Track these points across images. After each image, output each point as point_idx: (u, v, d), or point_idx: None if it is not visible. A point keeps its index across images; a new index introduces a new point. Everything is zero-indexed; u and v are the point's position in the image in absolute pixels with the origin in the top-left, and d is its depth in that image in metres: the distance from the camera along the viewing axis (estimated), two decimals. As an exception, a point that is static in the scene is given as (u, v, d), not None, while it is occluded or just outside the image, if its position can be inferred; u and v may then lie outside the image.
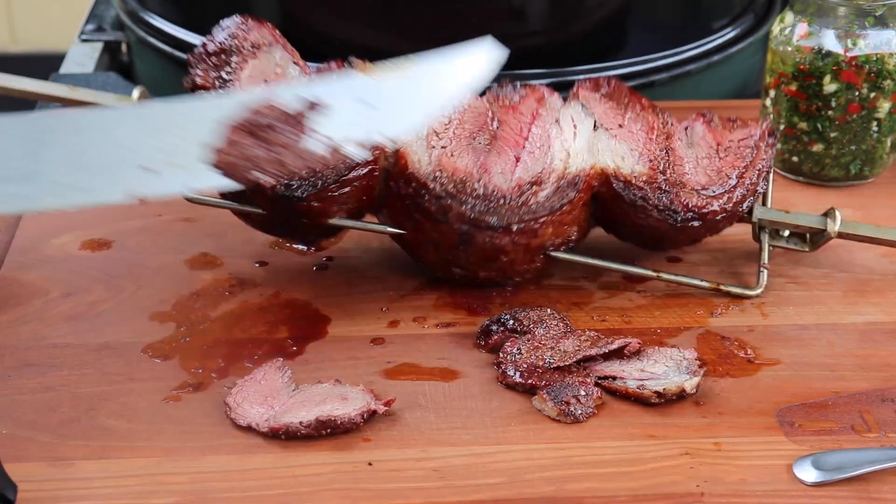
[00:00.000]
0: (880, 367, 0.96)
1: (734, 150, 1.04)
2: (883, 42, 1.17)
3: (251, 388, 0.92)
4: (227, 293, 1.05)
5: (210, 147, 0.76)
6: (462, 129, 1.02)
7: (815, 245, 1.07)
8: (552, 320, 0.99)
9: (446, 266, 1.03)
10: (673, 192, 1.01)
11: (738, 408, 0.92)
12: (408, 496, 0.83)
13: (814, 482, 0.84)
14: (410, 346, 0.99)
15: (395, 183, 1.00)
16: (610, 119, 1.04)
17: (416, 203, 0.99)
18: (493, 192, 0.99)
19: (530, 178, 1.00)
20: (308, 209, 0.98)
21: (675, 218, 1.01)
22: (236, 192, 0.98)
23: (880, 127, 1.19)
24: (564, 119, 1.03)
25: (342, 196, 0.99)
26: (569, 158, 1.01)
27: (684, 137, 1.05)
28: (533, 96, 1.05)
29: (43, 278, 1.07)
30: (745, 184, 1.03)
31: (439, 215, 0.99)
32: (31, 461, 0.86)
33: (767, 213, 1.06)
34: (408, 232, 1.02)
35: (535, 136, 1.02)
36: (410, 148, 1.00)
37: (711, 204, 1.02)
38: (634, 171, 1.01)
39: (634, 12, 1.41)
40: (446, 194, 0.98)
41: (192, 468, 0.85)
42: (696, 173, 1.03)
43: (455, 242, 1.00)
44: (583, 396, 0.91)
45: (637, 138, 1.03)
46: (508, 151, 1.01)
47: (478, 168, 1.00)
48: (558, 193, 1.00)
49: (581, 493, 0.83)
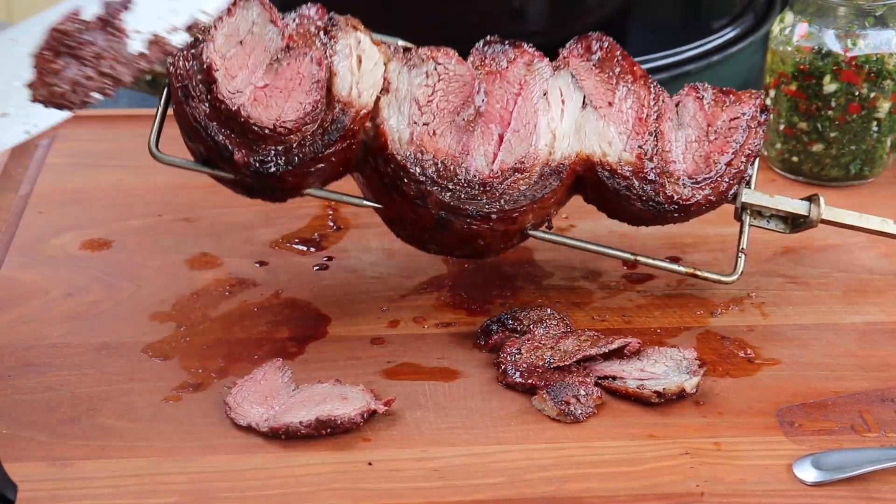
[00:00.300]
0: (880, 367, 0.96)
1: (724, 133, 1.02)
2: (883, 42, 1.17)
3: (251, 387, 0.92)
4: (227, 293, 1.05)
5: (34, 84, 0.73)
6: (446, 101, 0.98)
7: (796, 229, 1.06)
8: (552, 320, 0.99)
9: (421, 243, 1.01)
10: (658, 182, 0.99)
11: (737, 408, 0.92)
12: (408, 496, 0.83)
13: (814, 482, 0.84)
14: (410, 346, 0.99)
15: (374, 159, 0.97)
16: (600, 95, 1.01)
17: (393, 183, 0.96)
18: (474, 179, 0.96)
19: (513, 162, 0.97)
20: (282, 183, 0.95)
21: (658, 209, 1.00)
22: (206, 158, 0.95)
23: (880, 127, 1.19)
24: (552, 91, 1.00)
25: (318, 170, 0.95)
26: (554, 142, 0.98)
27: (675, 117, 1.03)
28: (521, 60, 1.01)
29: (43, 278, 1.07)
30: (731, 172, 1.01)
31: (417, 199, 0.96)
32: (31, 461, 0.86)
33: (752, 196, 1.04)
34: (384, 206, 0.99)
35: (520, 112, 0.99)
36: (390, 123, 0.96)
37: (696, 195, 1.00)
38: (621, 158, 0.99)
39: (634, 12, 1.41)
40: (426, 178, 0.95)
41: (191, 468, 0.85)
42: (683, 160, 1.01)
43: (431, 225, 0.97)
44: (583, 396, 0.91)
45: (626, 119, 1.00)
46: (493, 129, 0.98)
47: (460, 150, 0.97)
48: (541, 182, 0.97)
49: (581, 493, 0.83)
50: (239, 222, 1.15)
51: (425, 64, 0.98)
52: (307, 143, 0.94)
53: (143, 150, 1.26)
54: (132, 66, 0.75)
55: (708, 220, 1.15)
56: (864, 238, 1.13)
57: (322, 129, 0.94)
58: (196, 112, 0.93)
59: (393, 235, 1.03)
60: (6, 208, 1.17)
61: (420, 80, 0.97)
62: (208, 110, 0.93)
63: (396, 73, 0.97)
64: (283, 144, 0.93)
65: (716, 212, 1.15)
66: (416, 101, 0.97)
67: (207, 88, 0.93)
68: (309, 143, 0.94)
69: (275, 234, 1.14)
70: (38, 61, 0.73)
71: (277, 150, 0.94)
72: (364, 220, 1.16)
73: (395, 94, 0.96)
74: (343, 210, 1.17)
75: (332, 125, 0.94)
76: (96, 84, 0.74)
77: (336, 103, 0.94)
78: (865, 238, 1.13)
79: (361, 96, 0.95)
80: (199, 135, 0.94)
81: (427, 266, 1.09)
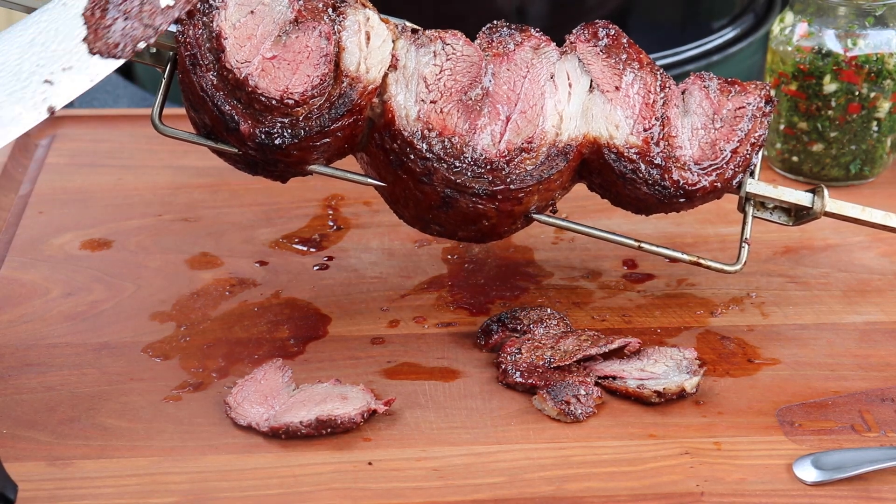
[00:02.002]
0: (880, 367, 0.96)
1: (730, 121, 1.02)
2: (883, 42, 1.17)
3: (251, 387, 0.92)
4: (227, 293, 1.05)
5: (89, 39, 0.84)
6: (454, 80, 0.98)
7: (799, 221, 1.06)
8: (552, 320, 0.99)
9: (425, 223, 1.00)
10: (664, 166, 0.99)
11: (737, 407, 0.92)
12: (407, 496, 0.83)
13: (813, 482, 0.84)
14: (410, 346, 0.99)
15: (380, 135, 0.96)
16: (607, 80, 1.00)
17: (399, 160, 0.96)
18: (480, 158, 0.96)
19: (520, 142, 0.97)
20: (287, 155, 0.95)
21: (663, 193, 0.99)
22: (210, 130, 0.95)
23: (880, 127, 1.19)
24: (559, 75, 1.00)
25: (323, 145, 0.95)
26: (561, 123, 0.98)
27: (681, 104, 1.02)
28: (528, 43, 1.01)
29: (43, 278, 1.07)
30: (737, 159, 1.01)
31: (423, 176, 0.95)
32: (31, 461, 0.86)
33: (756, 186, 1.03)
34: (389, 185, 0.98)
35: (527, 93, 0.98)
36: (397, 100, 0.96)
37: (702, 181, 1.00)
38: (628, 142, 0.98)
39: (634, 12, 1.41)
40: (433, 155, 0.95)
41: (191, 468, 0.85)
42: (689, 146, 1.00)
43: (437, 203, 0.97)
44: (583, 396, 0.91)
45: (633, 104, 1.00)
46: (500, 110, 0.98)
47: (467, 128, 0.96)
48: (548, 163, 0.97)
49: (581, 493, 0.83)
50: (239, 222, 1.15)
51: (433, 43, 0.98)
52: (314, 116, 0.93)
53: (143, 150, 1.27)
54: (167, 16, 0.86)
55: (708, 220, 1.16)
56: (864, 238, 1.13)
57: (329, 103, 0.94)
58: (203, 81, 0.93)
59: (393, 235, 1.03)
60: (6, 208, 1.17)
61: (428, 59, 0.97)
62: (215, 80, 0.93)
63: (404, 50, 0.97)
64: (290, 117, 0.93)
65: (716, 212, 1.16)
66: (424, 79, 0.97)
67: (216, 57, 0.93)
68: (315, 116, 0.93)
69: (275, 234, 1.14)
70: (89, 19, 0.83)
71: (283, 123, 0.93)
72: (364, 220, 1.16)
73: (403, 71, 0.96)
74: (343, 210, 1.18)
75: (340, 99, 0.94)
76: (141, 34, 0.85)
77: (344, 78, 0.94)
78: (865, 238, 1.13)
79: (370, 72, 0.95)
80: (204, 105, 0.93)
81: (427, 266, 1.09)
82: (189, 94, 0.94)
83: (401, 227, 1.13)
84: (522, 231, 1.13)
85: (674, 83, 1.02)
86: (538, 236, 1.14)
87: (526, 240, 1.13)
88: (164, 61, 0.97)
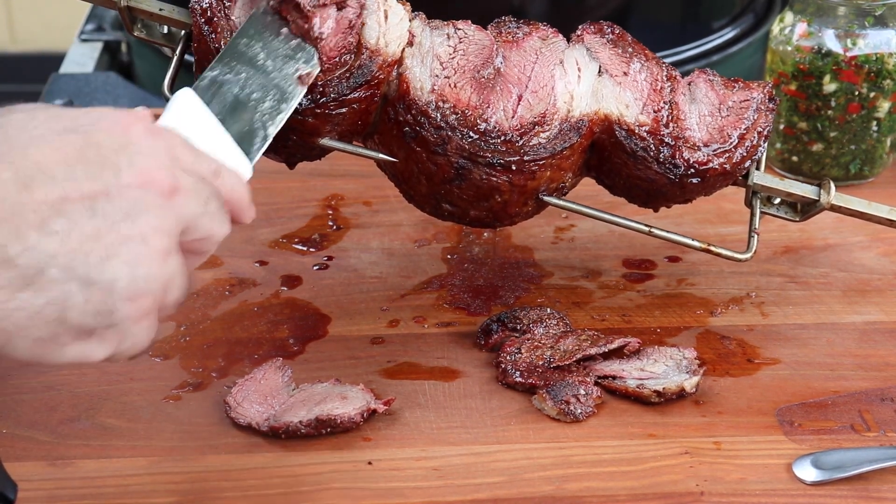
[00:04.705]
0: (880, 367, 0.97)
1: (736, 111, 1.02)
2: (883, 42, 1.17)
3: (251, 387, 0.92)
4: (227, 293, 1.05)
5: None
6: (467, 59, 0.98)
7: (805, 215, 1.05)
8: (552, 320, 0.99)
9: (436, 201, 1.00)
10: (675, 145, 0.99)
11: (737, 407, 0.92)
12: (407, 495, 0.83)
13: (813, 481, 0.84)
14: (410, 346, 0.99)
15: (394, 108, 0.96)
16: (615, 66, 1.01)
17: (414, 131, 0.96)
18: (494, 129, 0.96)
19: (533, 117, 0.97)
20: (302, 123, 0.94)
21: (675, 172, 0.99)
22: None
23: (880, 127, 1.19)
24: (569, 61, 1.00)
25: (338, 115, 0.95)
26: (572, 101, 0.98)
27: (687, 93, 1.02)
28: (536, 34, 1.01)
29: (43, 278, 1.07)
30: (745, 145, 1.00)
31: (437, 146, 0.95)
32: (31, 460, 0.86)
33: (763, 178, 1.03)
34: (400, 161, 0.98)
35: (538, 76, 0.99)
36: (413, 73, 0.96)
37: (712, 161, 0.99)
38: (638, 120, 0.98)
39: (634, 12, 1.41)
40: (447, 125, 0.95)
41: (192, 468, 0.85)
42: (698, 129, 1.00)
43: (450, 176, 0.97)
44: (582, 395, 0.91)
45: (641, 88, 1.00)
46: (511, 89, 0.98)
47: (480, 102, 0.97)
48: (561, 136, 0.97)
49: (581, 493, 0.83)
50: (239, 222, 1.15)
51: (446, 27, 0.99)
52: (332, 83, 0.93)
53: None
54: None
55: (708, 221, 1.16)
56: (864, 238, 1.13)
57: (349, 73, 0.94)
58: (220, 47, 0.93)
59: (393, 235, 1.03)
60: (6, 208, 1.17)
61: (441, 41, 0.98)
62: None
63: (420, 29, 0.98)
64: None
65: (716, 212, 1.16)
66: (438, 57, 0.98)
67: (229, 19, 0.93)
68: (335, 83, 0.93)
69: (275, 233, 1.14)
70: None
71: None
72: (364, 220, 1.16)
73: (419, 48, 0.97)
74: (343, 210, 1.18)
75: (359, 69, 0.94)
76: None
77: (364, 50, 0.95)
78: (865, 238, 1.13)
79: (388, 46, 0.95)
80: None
81: (427, 266, 1.09)
82: (205, 61, 0.94)
83: (401, 227, 1.13)
84: (522, 231, 1.14)
85: (679, 75, 1.03)
86: (538, 236, 1.14)
87: (526, 240, 1.13)
88: (176, 41, 0.98)
